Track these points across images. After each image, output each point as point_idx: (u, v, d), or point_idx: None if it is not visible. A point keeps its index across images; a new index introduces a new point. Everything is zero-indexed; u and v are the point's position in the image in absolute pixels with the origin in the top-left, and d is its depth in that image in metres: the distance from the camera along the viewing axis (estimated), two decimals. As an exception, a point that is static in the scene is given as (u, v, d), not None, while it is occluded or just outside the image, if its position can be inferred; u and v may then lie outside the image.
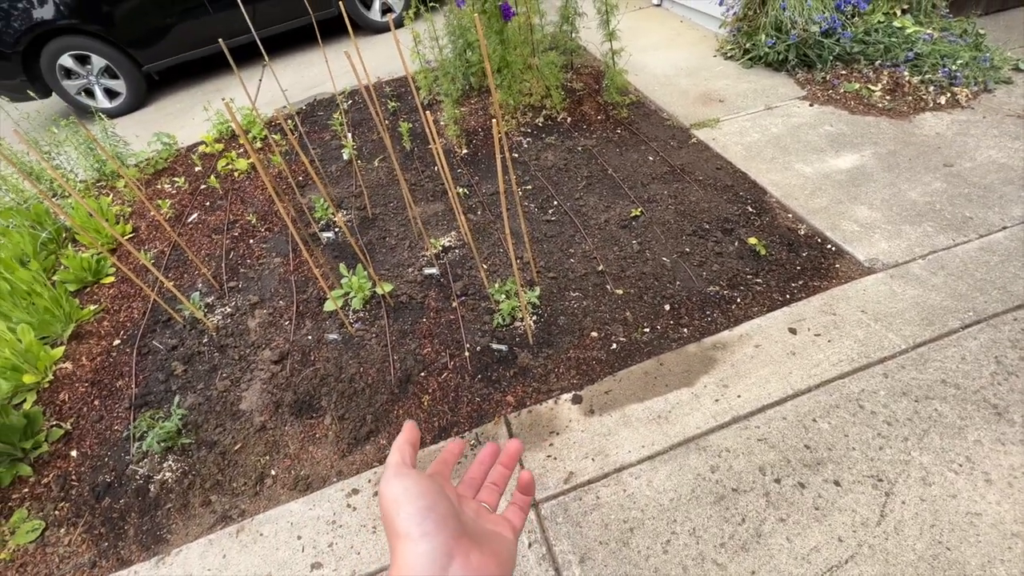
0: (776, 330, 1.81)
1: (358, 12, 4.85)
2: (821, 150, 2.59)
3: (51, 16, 4.04)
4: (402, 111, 3.53)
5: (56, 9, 4.03)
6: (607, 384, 1.74)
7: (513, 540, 0.40)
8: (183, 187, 3.19)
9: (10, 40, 4.03)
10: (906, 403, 1.54)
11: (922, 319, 1.76)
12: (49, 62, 4.23)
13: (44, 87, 4.38)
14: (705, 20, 3.98)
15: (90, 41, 4.25)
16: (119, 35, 4.28)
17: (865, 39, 3.00)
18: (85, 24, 4.13)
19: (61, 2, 4.01)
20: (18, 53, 4.10)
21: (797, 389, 1.63)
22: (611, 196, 2.51)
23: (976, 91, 2.80)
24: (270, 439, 1.78)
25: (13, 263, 2.31)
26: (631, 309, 1.97)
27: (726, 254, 2.12)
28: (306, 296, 2.28)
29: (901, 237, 2.07)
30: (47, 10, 4.02)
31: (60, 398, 2.05)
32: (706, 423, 1.59)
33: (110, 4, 4.14)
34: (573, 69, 3.53)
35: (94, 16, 4.13)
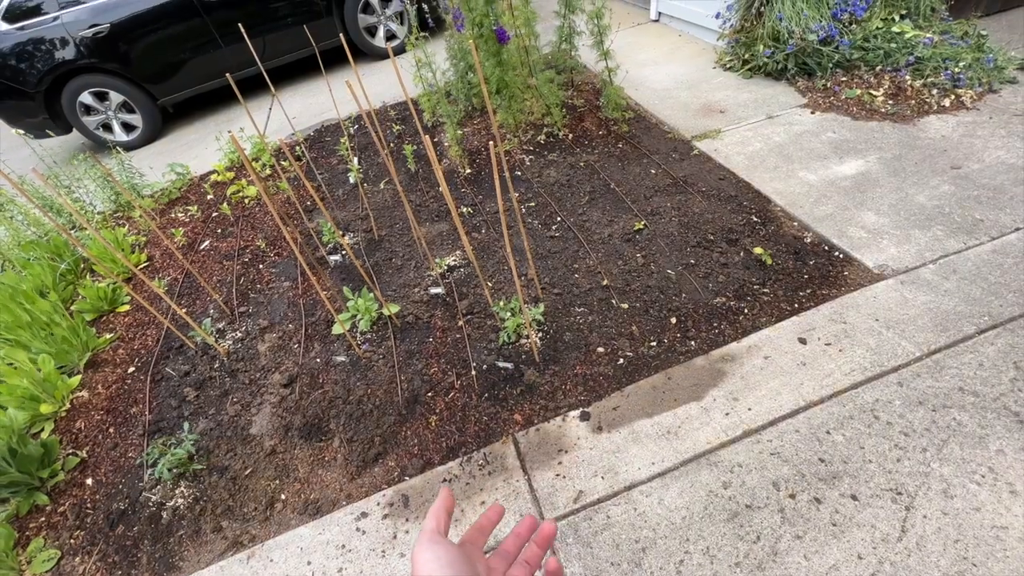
0: (785, 340, 1.78)
1: (363, 40, 4.99)
2: (825, 157, 2.58)
3: (72, 56, 4.23)
4: (407, 133, 3.60)
5: (77, 50, 4.21)
6: (615, 400, 1.73)
7: None
8: (196, 215, 3.28)
9: (33, 80, 4.22)
10: (923, 413, 1.50)
11: (936, 325, 1.72)
12: (70, 100, 4.41)
13: (65, 123, 4.56)
14: (702, 33, 4.03)
15: (108, 78, 4.43)
16: (136, 72, 4.45)
17: (864, 45, 3.00)
18: (104, 63, 4.32)
19: (81, 43, 4.20)
20: (40, 92, 4.29)
21: (809, 400, 1.59)
22: (614, 210, 2.52)
23: (981, 92, 2.77)
24: (280, 463, 1.79)
25: (33, 295, 2.38)
26: (637, 323, 1.96)
27: (732, 265, 2.11)
28: (315, 319, 2.31)
29: (910, 242, 2.04)
30: (68, 51, 4.21)
31: (76, 426, 2.08)
32: (717, 438, 1.56)
33: (128, 43, 4.32)
34: (573, 86, 3.57)
35: (112, 55, 4.31)
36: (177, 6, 4.32)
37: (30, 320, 2.26)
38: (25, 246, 2.81)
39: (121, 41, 4.29)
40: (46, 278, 2.65)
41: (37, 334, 2.24)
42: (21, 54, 4.15)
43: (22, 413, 2.00)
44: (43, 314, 2.29)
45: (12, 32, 4.12)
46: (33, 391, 2.05)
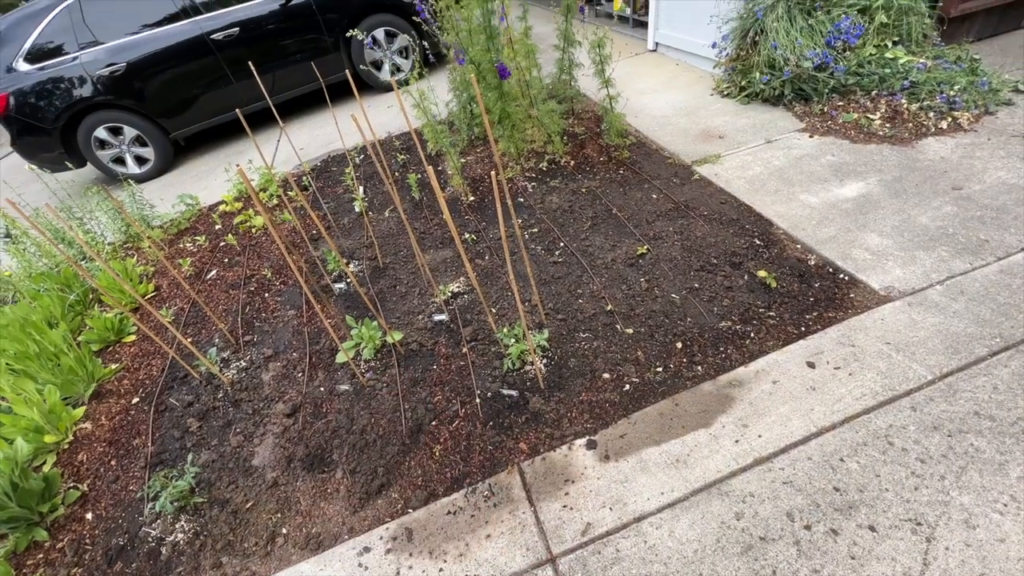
0: (793, 365, 1.76)
1: (369, 74, 5.15)
2: (825, 180, 2.60)
3: (89, 94, 4.39)
4: (411, 163, 3.67)
5: (94, 87, 4.37)
6: (622, 427, 1.70)
7: None
8: (204, 245, 3.32)
9: (52, 117, 4.37)
10: (938, 438, 1.46)
11: (946, 348, 1.69)
12: (86, 135, 4.55)
13: (79, 158, 4.68)
14: (700, 62, 4.12)
15: (123, 114, 4.57)
16: (149, 107, 4.60)
17: (859, 71, 3.06)
18: (119, 99, 4.47)
19: (99, 81, 4.35)
20: (58, 128, 4.43)
21: (821, 426, 1.56)
22: (617, 235, 2.54)
23: (978, 114, 2.80)
24: (281, 495, 1.76)
25: (42, 325, 2.40)
26: (642, 348, 1.94)
27: (736, 288, 2.10)
28: (319, 347, 2.31)
29: (916, 263, 2.03)
30: (86, 89, 4.37)
31: (78, 459, 2.07)
32: (727, 466, 1.52)
33: (143, 80, 4.48)
34: (574, 115, 3.65)
35: (128, 92, 4.46)
36: (191, 45, 4.50)
37: (38, 351, 2.27)
38: (36, 278, 2.85)
39: (136, 79, 4.45)
40: (55, 309, 2.68)
41: (44, 365, 2.25)
42: (41, 92, 4.31)
43: (26, 445, 1.99)
44: (51, 345, 2.31)
45: (33, 72, 4.29)
46: (38, 422, 2.04)
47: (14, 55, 4.27)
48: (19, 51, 4.27)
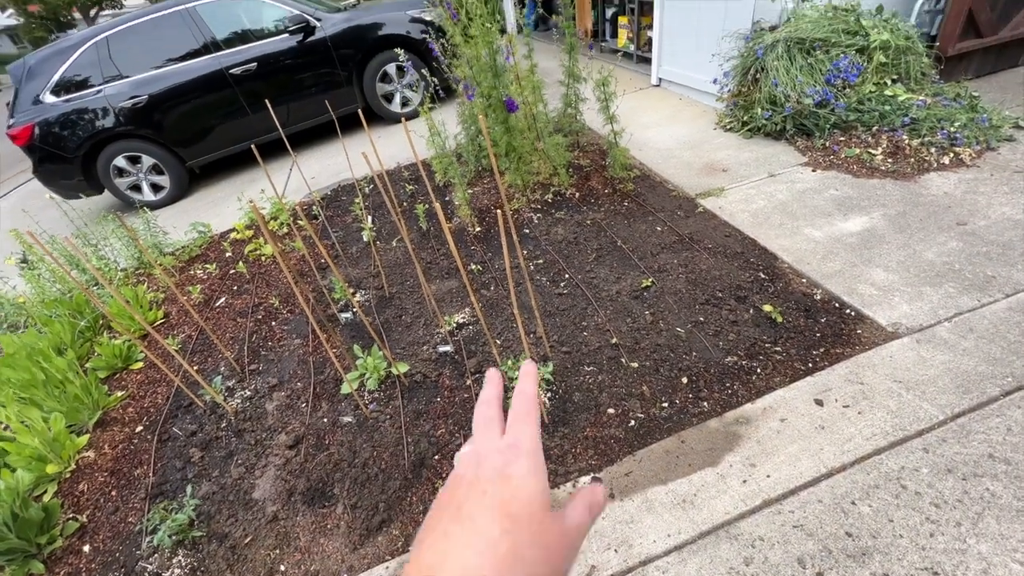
0: (801, 402, 1.74)
1: (380, 106, 5.31)
2: (829, 214, 2.61)
3: (111, 124, 4.55)
4: (419, 193, 3.74)
5: (116, 118, 4.54)
6: (627, 465, 1.67)
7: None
8: (214, 272, 3.37)
9: (74, 146, 4.52)
10: (953, 482, 1.43)
11: (957, 387, 1.67)
12: (105, 163, 4.70)
13: (98, 185, 4.82)
14: (702, 97, 4.22)
15: (142, 143, 4.73)
16: (168, 137, 4.76)
17: (859, 108, 3.11)
18: (139, 129, 4.63)
19: (120, 112, 4.52)
20: (79, 157, 4.58)
21: (831, 467, 1.53)
22: (621, 267, 2.55)
23: (979, 150, 2.83)
24: (281, 530, 1.73)
25: (50, 353, 2.42)
26: (647, 383, 1.93)
27: (741, 322, 2.10)
28: (323, 377, 2.31)
29: (923, 299, 2.02)
30: (108, 120, 4.53)
31: (79, 488, 2.06)
32: (735, 507, 1.49)
33: (163, 112, 4.65)
34: (579, 148, 3.72)
35: (148, 122, 4.63)
36: (211, 79, 4.68)
37: (45, 378, 2.29)
38: (49, 304, 2.89)
39: (157, 110, 4.62)
40: (65, 335, 2.71)
41: (51, 392, 2.26)
42: (65, 123, 4.48)
43: (27, 474, 1.99)
44: (58, 372, 2.33)
45: (59, 104, 4.47)
46: (41, 451, 2.04)
47: (42, 87, 4.46)
48: (47, 84, 4.46)
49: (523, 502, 0.31)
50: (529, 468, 0.33)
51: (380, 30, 4.98)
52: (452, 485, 0.34)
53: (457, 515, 0.31)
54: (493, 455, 0.34)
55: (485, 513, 0.31)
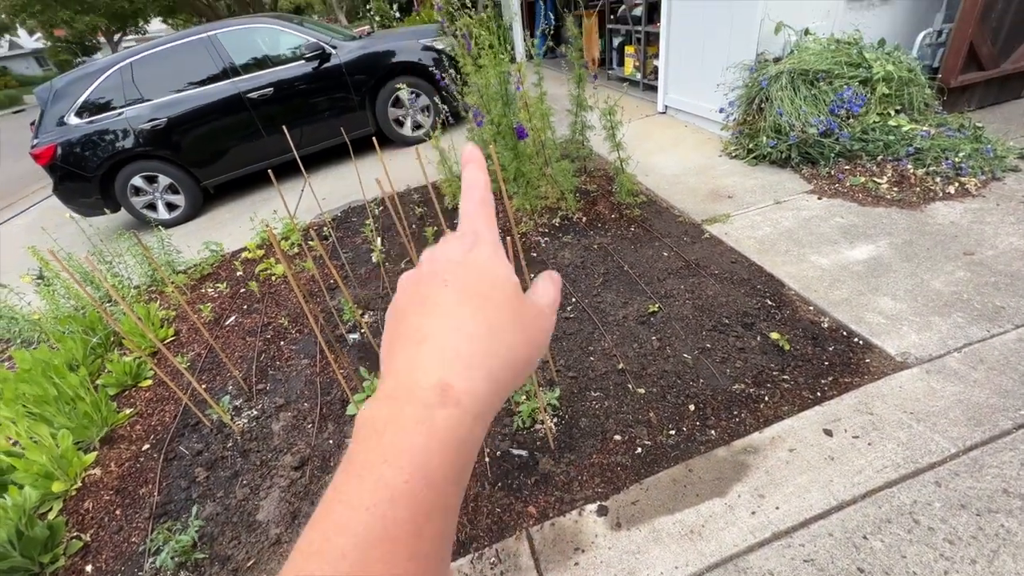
0: (810, 432, 1.72)
1: (392, 130, 5.44)
2: (835, 241, 2.63)
3: (131, 145, 4.69)
4: (428, 216, 3.80)
5: (135, 139, 4.68)
6: (634, 493, 1.65)
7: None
8: (224, 291, 3.42)
9: (94, 166, 4.66)
10: (966, 517, 1.40)
11: (968, 419, 1.65)
12: (123, 183, 4.82)
13: (114, 203, 4.94)
14: (707, 124, 4.29)
15: (159, 164, 4.86)
16: (184, 158, 4.89)
17: (864, 137, 3.16)
18: (157, 150, 4.76)
19: (140, 134, 4.67)
20: (98, 176, 4.71)
21: (841, 500, 1.51)
22: (628, 292, 2.56)
23: (985, 180, 2.85)
24: (284, 554, 1.72)
25: (63, 369, 2.45)
26: (654, 409, 1.92)
27: (748, 349, 2.09)
28: (330, 398, 2.32)
29: (931, 329, 2.01)
30: (128, 141, 4.68)
31: (84, 506, 2.06)
32: (744, 539, 1.47)
33: (181, 134, 4.79)
34: (586, 173, 3.79)
35: (166, 144, 4.77)
36: (228, 103, 4.83)
37: (56, 395, 2.31)
38: (63, 320, 2.94)
39: (175, 132, 4.76)
40: (77, 352, 2.75)
41: (61, 409, 2.28)
42: (87, 143, 4.62)
43: (34, 491, 1.99)
44: (70, 388, 2.35)
45: (82, 125, 4.62)
46: (49, 468, 2.05)
47: (67, 109, 4.62)
48: (72, 106, 4.62)
49: (490, 284, 0.29)
50: (491, 253, 0.30)
51: (393, 57, 5.14)
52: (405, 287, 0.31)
53: (422, 309, 0.28)
54: (449, 246, 0.31)
55: (452, 298, 0.28)
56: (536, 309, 0.31)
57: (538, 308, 0.31)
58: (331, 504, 0.23)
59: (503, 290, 0.29)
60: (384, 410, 0.26)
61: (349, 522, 0.22)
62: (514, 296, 0.29)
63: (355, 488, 0.23)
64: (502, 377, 0.27)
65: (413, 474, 0.23)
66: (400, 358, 0.27)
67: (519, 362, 0.28)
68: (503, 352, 0.27)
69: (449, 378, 0.26)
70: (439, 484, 0.24)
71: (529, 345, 0.29)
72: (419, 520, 0.23)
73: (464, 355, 0.26)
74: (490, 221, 0.32)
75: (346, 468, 0.25)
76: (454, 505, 0.25)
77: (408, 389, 0.26)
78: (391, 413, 0.25)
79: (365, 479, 0.23)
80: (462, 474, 0.25)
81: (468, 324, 0.27)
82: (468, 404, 0.25)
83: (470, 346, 0.27)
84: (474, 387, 0.26)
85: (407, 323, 0.28)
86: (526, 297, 0.31)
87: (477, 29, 2.90)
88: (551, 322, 0.31)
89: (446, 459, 0.24)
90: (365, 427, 0.25)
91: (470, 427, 0.25)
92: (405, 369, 0.27)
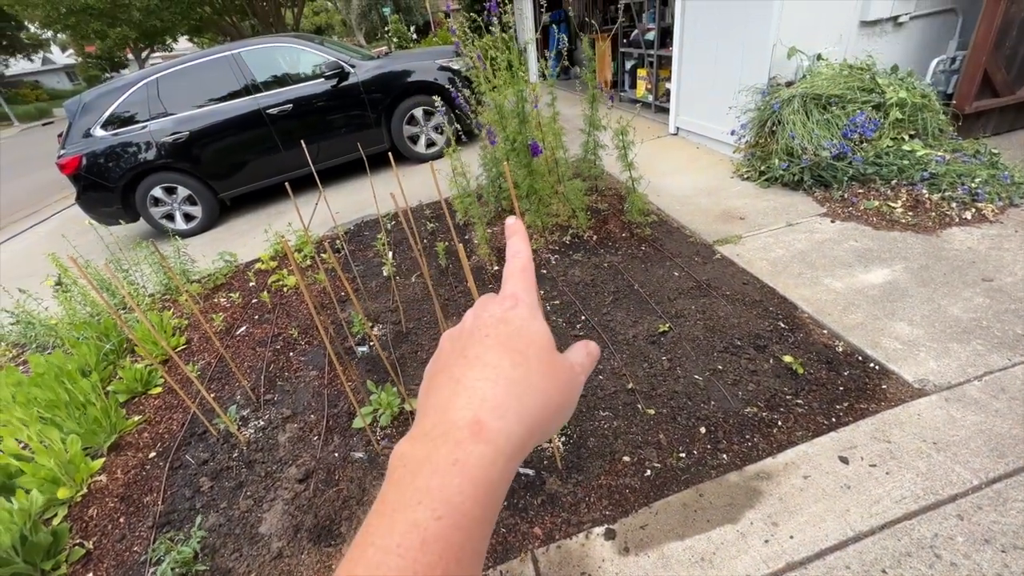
0: (825, 459, 1.68)
1: (406, 146, 5.54)
2: (849, 265, 2.60)
3: (153, 158, 4.82)
4: (440, 231, 3.83)
5: (157, 152, 4.81)
6: (643, 517, 1.61)
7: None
8: (237, 301, 3.46)
9: (117, 176, 4.78)
10: (991, 553, 1.35)
11: (991, 450, 1.60)
12: (143, 193, 4.94)
13: (133, 213, 5.05)
14: (719, 146, 4.31)
15: (179, 175, 4.98)
16: (203, 170, 5.01)
17: (877, 161, 3.15)
18: (177, 163, 4.89)
19: (162, 147, 4.80)
20: (119, 187, 4.83)
21: (858, 531, 1.46)
22: (638, 311, 2.55)
23: (1002, 206, 2.82)
24: (284, 568, 1.70)
25: (76, 374, 2.48)
26: (664, 431, 1.89)
27: (761, 372, 2.06)
28: (337, 410, 2.31)
29: (950, 356, 1.97)
30: (150, 153, 4.81)
31: (89, 513, 2.05)
32: (757, 569, 1.42)
33: (201, 147, 4.92)
34: (597, 192, 3.81)
35: (186, 156, 4.89)
36: (248, 118, 4.96)
37: (68, 400, 2.33)
38: (78, 326, 2.99)
39: (196, 145, 4.89)
40: (91, 358, 2.78)
41: (72, 414, 2.30)
42: (110, 155, 4.75)
43: (40, 496, 2.00)
44: (82, 394, 2.37)
45: (107, 137, 4.76)
46: (56, 473, 2.06)
47: (94, 122, 4.77)
48: (99, 119, 4.77)
49: (528, 340, 0.30)
50: (529, 313, 0.32)
51: (409, 77, 5.26)
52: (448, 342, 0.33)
53: (463, 360, 0.30)
54: (490, 306, 0.33)
55: (492, 350, 0.29)
56: (568, 365, 0.32)
57: (570, 365, 0.32)
58: (363, 547, 0.24)
59: (539, 345, 0.31)
60: (418, 449, 0.27)
61: (380, 565, 0.23)
62: (549, 351, 0.31)
63: (386, 530, 0.24)
64: (534, 421, 0.28)
65: (444, 517, 0.24)
66: (435, 399, 0.29)
67: (551, 408, 0.29)
68: (537, 397, 0.29)
69: (483, 416, 0.27)
70: (469, 526, 0.24)
71: (562, 394, 0.30)
72: (448, 564, 0.23)
73: (499, 396, 0.27)
74: (530, 285, 0.35)
75: (379, 509, 0.25)
76: (482, 548, 0.25)
77: (442, 428, 0.27)
78: (425, 452, 0.26)
79: (397, 522, 0.24)
80: (491, 515, 0.26)
81: (504, 370, 0.29)
82: (501, 444, 0.26)
83: (505, 389, 0.28)
84: (507, 427, 0.27)
85: (446, 372, 0.30)
86: (561, 355, 0.32)
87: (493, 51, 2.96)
88: (581, 381, 0.33)
89: (478, 500, 0.25)
90: (399, 466, 0.26)
91: (502, 468, 0.26)
92: (440, 409, 0.28)
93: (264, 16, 17.16)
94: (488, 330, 0.31)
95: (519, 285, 0.34)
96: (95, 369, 2.75)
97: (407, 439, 0.28)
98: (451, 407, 0.27)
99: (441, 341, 0.34)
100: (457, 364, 0.30)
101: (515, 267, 0.35)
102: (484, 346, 0.30)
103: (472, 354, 0.30)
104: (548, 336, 0.32)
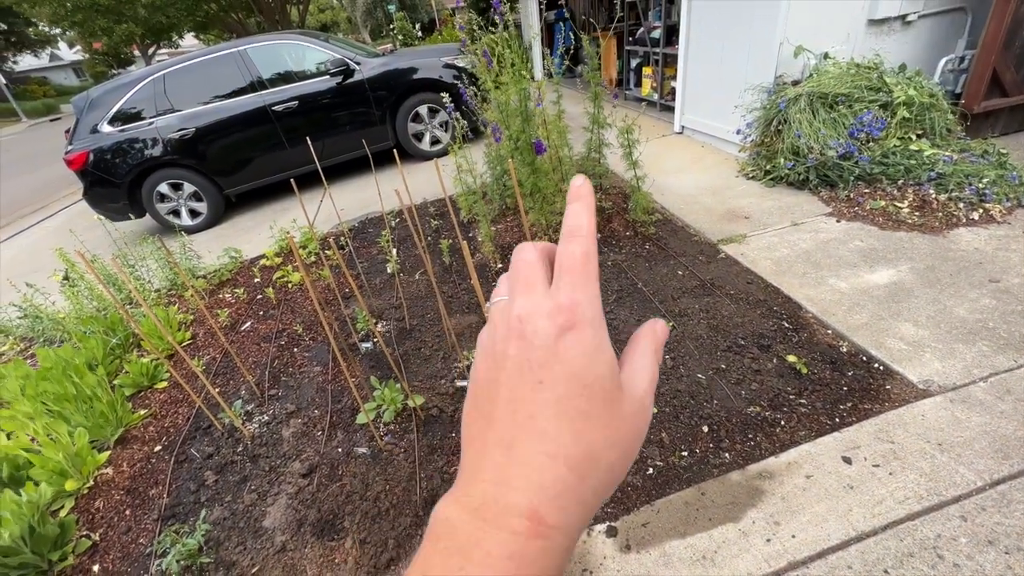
0: (828, 459, 1.67)
1: (411, 144, 5.54)
2: (854, 265, 2.59)
3: (159, 154, 4.84)
4: (444, 228, 3.84)
5: (163, 148, 4.83)
6: (644, 515, 1.62)
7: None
8: (242, 297, 3.48)
9: (123, 172, 4.81)
10: (995, 555, 1.34)
11: (995, 451, 1.59)
12: (149, 189, 4.97)
13: (140, 209, 5.08)
14: (724, 145, 4.30)
15: (185, 172, 5.01)
16: (209, 167, 5.03)
17: (884, 161, 3.13)
18: (183, 159, 4.91)
19: (168, 143, 4.82)
20: (126, 183, 4.86)
21: (861, 531, 1.46)
22: (642, 309, 2.55)
23: (1010, 207, 2.80)
24: (288, 562, 1.71)
25: (84, 368, 2.50)
26: (667, 430, 1.89)
27: (764, 372, 2.06)
28: (340, 406, 2.33)
29: (955, 357, 1.96)
30: (157, 149, 4.83)
31: (95, 505, 2.07)
32: (758, 568, 1.42)
33: (207, 144, 4.94)
34: (602, 190, 3.80)
35: (192, 153, 4.92)
36: (254, 115, 4.97)
37: (75, 393, 2.35)
38: (85, 320, 3.01)
39: (202, 142, 4.91)
40: (97, 352, 2.80)
41: (79, 408, 2.32)
42: (117, 151, 4.78)
43: (48, 488, 2.02)
44: (88, 388, 2.40)
45: (114, 133, 4.79)
46: (63, 466, 2.08)
47: (101, 118, 4.80)
48: (106, 115, 4.80)
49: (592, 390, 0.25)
50: (593, 341, 0.25)
51: (414, 74, 5.26)
52: (491, 368, 0.27)
53: (512, 414, 0.25)
54: (540, 320, 0.26)
55: (547, 411, 0.24)
56: (635, 403, 0.27)
57: (637, 400, 0.27)
58: None
59: (604, 391, 0.25)
60: (469, 524, 0.24)
61: None
62: (615, 398, 0.26)
63: None
64: (595, 502, 0.25)
65: None
66: (489, 464, 0.25)
67: (614, 481, 0.26)
68: (600, 475, 0.25)
69: (541, 508, 0.24)
70: None
71: (625, 458, 0.26)
72: None
73: (558, 485, 0.24)
74: (593, 284, 0.26)
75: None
76: None
77: (497, 510, 0.24)
78: (478, 534, 0.24)
79: None
80: None
81: (565, 447, 0.24)
82: (559, 539, 0.24)
83: (566, 474, 0.24)
84: (567, 521, 0.24)
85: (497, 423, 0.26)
86: (624, 388, 0.27)
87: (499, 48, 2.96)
88: (649, 415, 0.28)
89: None
90: (444, 535, 0.25)
91: (559, 561, 0.24)
92: (493, 480, 0.25)
93: (270, 13, 17.21)
94: (541, 373, 0.25)
95: (578, 286, 0.26)
96: (102, 363, 2.77)
97: (455, 502, 0.25)
98: (505, 481, 0.24)
99: (479, 343, 0.29)
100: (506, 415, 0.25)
101: (574, 254, 0.26)
102: (536, 404, 0.25)
103: (524, 407, 0.25)
104: (614, 371, 0.26)
